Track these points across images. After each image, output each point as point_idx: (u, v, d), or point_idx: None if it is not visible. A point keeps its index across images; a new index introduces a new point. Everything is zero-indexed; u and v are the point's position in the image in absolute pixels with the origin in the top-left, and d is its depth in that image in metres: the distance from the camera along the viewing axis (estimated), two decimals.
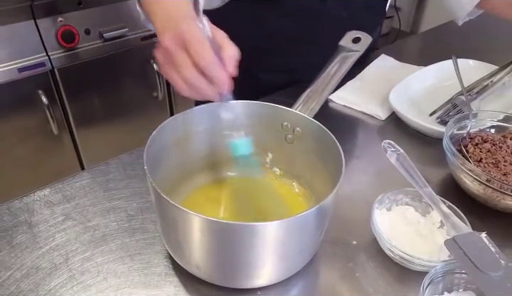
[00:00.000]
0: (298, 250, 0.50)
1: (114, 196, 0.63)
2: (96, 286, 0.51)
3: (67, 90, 1.44)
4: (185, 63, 0.46)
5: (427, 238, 0.57)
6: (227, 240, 0.45)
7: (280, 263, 0.50)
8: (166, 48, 0.47)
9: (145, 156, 0.48)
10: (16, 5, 1.25)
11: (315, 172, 0.60)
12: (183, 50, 0.45)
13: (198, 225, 0.44)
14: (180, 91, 0.49)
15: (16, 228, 0.58)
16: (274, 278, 0.51)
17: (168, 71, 0.48)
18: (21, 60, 1.32)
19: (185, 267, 0.51)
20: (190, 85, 0.47)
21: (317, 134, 0.56)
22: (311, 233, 0.49)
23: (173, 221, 0.47)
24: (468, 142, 0.69)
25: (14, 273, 0.52)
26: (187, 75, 0.46)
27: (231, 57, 0.47)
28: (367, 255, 0.57)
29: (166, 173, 0.55)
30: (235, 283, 0.51)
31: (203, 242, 0.46)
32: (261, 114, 0.60)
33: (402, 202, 0.61)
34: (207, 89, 0.47)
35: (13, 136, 1.41)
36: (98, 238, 0.57)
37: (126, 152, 0.72)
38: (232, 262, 0.48)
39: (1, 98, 1.34)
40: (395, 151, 0.60)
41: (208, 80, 0.47)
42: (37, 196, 0.63)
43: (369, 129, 0.82)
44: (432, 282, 0.49)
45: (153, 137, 0.51)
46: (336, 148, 0.52)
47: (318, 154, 0.58)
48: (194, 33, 0.45)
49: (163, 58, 0.48)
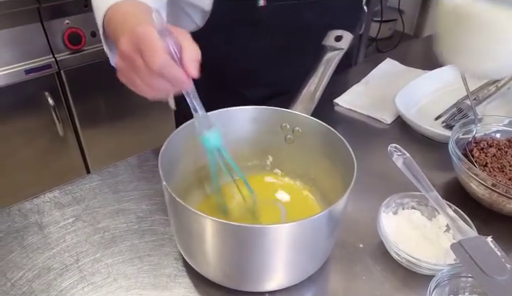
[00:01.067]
0: (310, 254, 0.51)
1: (123, 197, 0.64)
2: (106, 287, 0.52)
3: (73, 91, 1.45)
4: (143, 67, 0.44)
5: (433, 241, 0.57)
6: (239, 242, 0.45)
7: (292, 267, 0.50)
8: (122, 52, 0.46)
9: (160, 161, 0.49)
10: (23, 7, 1.26)
11: (319, 169, 0.61)
12: (139, 53, 0.44)
13: (211, 227, 0.45)
14: (145, 94, 0.47)
15: (27, 229, 0.58)
16: (286, 282, 0.51)
17: (128, 75, 0.47)
18: (28, 61, 1.33)
19: (197, 270, 0.52)
20: (151, 87, 0.46)
21: (320, 131, 0.58)
22: (323, 236, 0.50)
23: (186, 224, 0.48)
24: (473, 147, 0.69)
25: (26, 273, 0.53)
26: (146, 78, 0.45)
27: (191, 59, 0.45)
28: (373, 259, 0.57)
29: (180, 176, 0.56)
30: (246, 286, 0.51)
31: (216, 244, 0.47)
32: (260, 117, 0.61)
33: (409, 206, 0.61)
34: (168, 88, 0.46)
35: (19, 137, 1.42)
36: (108, 240, 0.57)
37: (132, 154, 0.73)
38: (245, 265, 0.48)
39: (8, 99, 1.35)
40: (401, 155, 0.61)
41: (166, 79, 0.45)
42: (47, 198, 0.63)
43: (375, 133, 0.83)
44: (439, 285, 0.50)
45: (169, 142, 0.52)
46: (343, 144, 0.54)
47: (321, 151, 0.59)
48: (146, 36, 0.43)
49: (122, 64, 0.47)
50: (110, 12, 0.62)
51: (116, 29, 0.59)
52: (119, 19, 0.60)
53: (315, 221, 0.46)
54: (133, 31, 0.44)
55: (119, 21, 0.59)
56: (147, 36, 0.43)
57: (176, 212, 0.49)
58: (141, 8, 0.61)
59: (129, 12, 0.60)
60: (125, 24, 0.57)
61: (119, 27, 0.58)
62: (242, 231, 0.44)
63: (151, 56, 0.43)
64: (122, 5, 0.61)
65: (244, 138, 0.63)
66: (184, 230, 0.50)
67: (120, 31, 0.56)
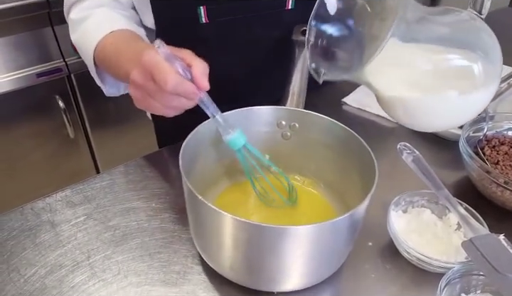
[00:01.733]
0: (328, 257, 0.50)
1: (133, 196, 0.65)
2: (117, 283, 0.52)
3: (83, 94, 1.47)
4: (157, 91, 0.48)
5: (443, 240, 0.57)
6: (257, 241, 0.46)
7: (309, 270, 0.50)
8: (135, 83, 0.49)
9: (181, 157, 0.50)
10: (34, 13, 1.28)
11: (320, 161, 0.62)
12: (151, 80, 0.47)
13: (230, 225, 0.45)
14: (166, 115, 0.52)
15: (40, 227, 0.59)
16: (301, 285, 0.51)
17: (146, 102, 0.50)
18: (39, 65, 1.35)
19: (211, 265, 0.52)
20: (170, 107, 0.50)
21: (323, 125, 0.59)
22: (342, 240, 0.50)
23: (204, 220, 0.48)
24: (485, 145, 0.69)
25: (39, 270, 0.53)
26: (163, 100, 0.49)
27: (201, 73, 0.48)
28: (382, 257, 0.57)
29: (200, 173, 0.56)
30: (259, 285, 0.51)
31: (234, 242, 0.47)
32: (255, 118, 0.61)
33: (419, 204, 0.61)
34: (184, 103, 0.50)
35: (30, 139, 1.44)
36: (118, 237, 0.58)
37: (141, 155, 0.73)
38: (261, 264, 0.48)
39: (20, 103, 1.37)
40: (410, 153, 0.61)
41: (181, 96, 0.49)
42: (59, 197, 0.64)
43: (384, 132, 0.82)
44: (449, 283, 0.49)
45: (190, 139, 0.53)
46: (360, 143, 0.55)
47: (324, 143, 0.60)
48: (152, 61, 0.46)
49: (137, 93, 0.50)
50: (99, 48, 0.66)
51: (111, 64, 0.64)
52: (111, 53, 0.64)
53: (335, 224, 0.46)
54: (140, 60, 0.47)
55: (113, 55, 0.64)
56: (154, 62, 0.46)
57: (194, 208, 0.50)
58: (129, 35, 0.66)
59: (119, 43, 0.65)
60: (122, 55, 0.61)
61: (114, 61, 0.63)
62: (261, 230, 0.44)
63: (162, 79, 0.46)
64: (108, 38, 0.66)
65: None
66: (202, 226, 0.50)
67: (122, 63, 0.60)
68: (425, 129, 0.60)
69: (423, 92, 0.51)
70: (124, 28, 0.68)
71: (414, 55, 0.50)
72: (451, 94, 0.49)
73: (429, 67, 0.50)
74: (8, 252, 0.55)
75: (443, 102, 0.51)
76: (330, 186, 0.63)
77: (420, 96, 0.51)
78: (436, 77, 0.50)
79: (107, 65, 0.66)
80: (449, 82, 0.50)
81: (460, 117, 0.54)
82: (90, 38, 0.66)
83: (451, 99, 0.50)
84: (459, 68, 0.50)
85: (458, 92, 0.49)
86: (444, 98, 0.50)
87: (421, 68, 0.50)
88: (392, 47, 0.46)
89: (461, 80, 0.50)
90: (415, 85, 0.50)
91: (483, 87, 0.50)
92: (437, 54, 0.50)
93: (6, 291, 0.51)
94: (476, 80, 0.49)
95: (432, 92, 0.50)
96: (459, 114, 0.54)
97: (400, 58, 0.49)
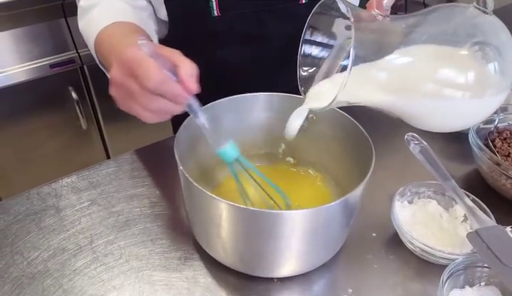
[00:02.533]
0: (324, 242, 0.50)
1: (137, 183, 0.65)
2: (118, 267, 0.52)
3: (96, 86, 1.48)
4: (138, 90, 0.42)
5: (449, 231, 0.56)
6: (255, 227, 0.45)
7: (306, 255, 0.50)
8: (115, 81, 0.43)
9: (175, 145, 0.49)
10: (47, 4, 1.30)
11: (333, 157, 0.60)
12: (132, 78, 0.42)
13: (227, 211, 0.45)
14: (146, 119, 0.45)
15: (45, 211, 0.60)
16: (298, 269, 0.51)
17: (126, 103, 0.44)
18: (53, 56, 1.37)
19: (209, 252, 0.52)
20: (152, 110, 0.43)
21: (335, 119, 0.57)
22: (337, 224, 0.49)
23: (201, 207, 0.48)
24: (495, 137, 0.67)
25: (42, 253, 0.54)
26: (143, 101, 0.42)
27: (189, 74, 0.42)
28: (386, 248, 0.56)
29: (196, 161, 0.56)
30: (258, 271, 0.51)
31: (230, 229, 0.47)
32: (274, 105, 0.61)
33: (425, 195, 0.60)
34: (169, 107, 0.43)
35: (43, 130, 1.46)
36: (121, 223, 0.58)
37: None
38: (259, 250, 0.48)
39: (33, 94, 1.39)
40: (418, 143, 0.60)
41: (165, 98, 0.43)
42: (64, 182, 0.65)
43: (392, 123, 0.80)
44: (453, 275, 0.48)
45: (184, 127, 0.53)
46: (359, 132, 0.54)
47: (336, 138, 0.59)
48: (135, 57, 0.41)
49: (117, 92, 0.44)
50: (99, 39, 0.62)
51: (105, 56, 0.60)
52: (106, 45, 0.60)
53: (330, 209, 0.45)
54: (120, 57, 0.42)
55: (107, 48, 0.59)
56: (137, 58, 0.41)
57: (191, 196, 0.49)
58: (128, 28, 0.62)
59: (115, 35, 0.60)
60: (112, 49, 0.56)
61: (106, 54, 0.58)
62: (258, 216, 0.44)
63: (145, 76, 0.40)
64: (107, 29, 0.62)
65: (257, 126, 0.63)
66: (199, 214, 0.50)
67: (108, 58, 0.55)
68: (437, 130, 0.55)
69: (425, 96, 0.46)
70: (128, 21, 0.65)
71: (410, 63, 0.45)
72: (460, 97, 0.45)
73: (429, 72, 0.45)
74: (12, 236, 0.56)
75: (451, 107, 0.46)
76: (327, 172, 0.63)
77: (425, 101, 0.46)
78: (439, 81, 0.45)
79: (103, 57, 0.63)
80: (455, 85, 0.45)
81: (473, 118, 0.50)
82: (93, 26, 0.64)
83: (460, 103, 0.46)
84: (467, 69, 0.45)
85: (470, 95, 0.45)
86: (452, 102, 0.46)
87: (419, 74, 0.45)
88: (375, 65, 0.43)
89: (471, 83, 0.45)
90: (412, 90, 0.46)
91: (495, 89, 0.46)
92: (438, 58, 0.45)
93: (9, 273, 0.52)
94: (488, 82, 0.45)
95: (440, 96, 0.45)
96: (473, 117, 0.50)
97: (395, 71, 0.45)
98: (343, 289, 0.51)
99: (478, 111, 0.48)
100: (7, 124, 1.39)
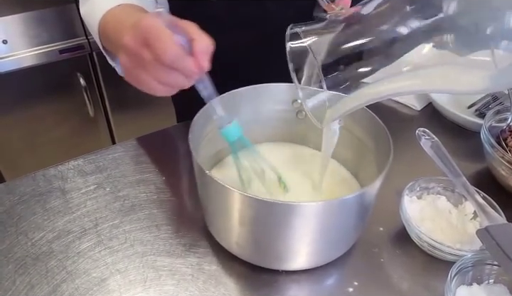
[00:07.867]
0: (337, 237, 0.49)
1: (144, 169, 0.64)
2: (122, 251, 0.52)
3: (104, 73, 1.48)
4: (152, 61, 0.40)
5: (457, 228, 0.55)
6: (264, 217, 0.45)
7: (317, 249, 0.49)
8: (128, 48, 0.42)
9: (190, 134, 0.48)
10: None
11: (351, 147, 0.60)
12: (146, 47, 0.40)
13: (239, 201, 0.44)
14: (155, 92, 0.44)
15: (50, 193, 0.60)
16: (307, 264, 0.50)
17: (136, 73, 0.43)
18: (62, 42, 1.36)
19: (220, 242, 0.52)
20: (162, 82, 0.42)
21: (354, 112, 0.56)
22: (352, 219, 0.48)
23: (213, 196, 0.48)
24: (508, 135, 0.66)
25: (46, 235, 0.54)
26: (156, 73, 0.41)
27: (203, 51, 0.41)
28: (393, 242, 0.55)
29: (208, 150, 0.56)
30: (266, 263, 0.50)
31: (243, 218, 0.46)
32: (269, 95, 0.60)
33: (434, 191, 0.59)
34: (181, 82, 0.42)
35: (51, 116, 1.46)
36: (127, 207, 0.58)
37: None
38: (268, 241, 0.47)
39: (42, 78, 1.39)
40: (429, 139, 0.59)
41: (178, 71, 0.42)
42: (71, 165, 0.65)
43: (403, 119, 0.80)
44: (461, 271, 0.47)
45: (199, 116, 0.52)
46: (379, 125, 0.53)
47: (354, 131, 0.58)
48: (152, 27, 0.39)
49: (128, 61, 0.43)
50: (103, 22, 0.60)
51: (111, 37, 0.58)
52: (112, 24, 0.58)
53: (345, 202, 0.44)
54: (137, 25, 0.40)
55: (113, 26, 0.57)
56: (154, 28, 0.39)
57: (203, 183, 0.49)
58: (134, 9, 0.60)
59: (122, 14, 0.58)
60: (120, 27, 0.54)
61: (113, 34, 0.56)
62: (269, 206, 0.43)
63: (161, 48, 0.39)
64: (112, 11, 0.60)
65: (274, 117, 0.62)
66: (210, 202, 0.50)
67: (119, 33, 0.52)
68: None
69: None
70: (133, 3, 0.63)
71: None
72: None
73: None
74: (17, 216, 0.56)
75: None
76: (344, 164, 0.62)
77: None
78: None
79: (108, 38, 0.61)
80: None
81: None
82: (96, 10, 0.62)
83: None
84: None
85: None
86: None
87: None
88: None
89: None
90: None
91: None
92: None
93: (13, 252, 0.52)
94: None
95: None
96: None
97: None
98: (349, 282, 0.50)
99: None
100: (15, 108, 1.39)
